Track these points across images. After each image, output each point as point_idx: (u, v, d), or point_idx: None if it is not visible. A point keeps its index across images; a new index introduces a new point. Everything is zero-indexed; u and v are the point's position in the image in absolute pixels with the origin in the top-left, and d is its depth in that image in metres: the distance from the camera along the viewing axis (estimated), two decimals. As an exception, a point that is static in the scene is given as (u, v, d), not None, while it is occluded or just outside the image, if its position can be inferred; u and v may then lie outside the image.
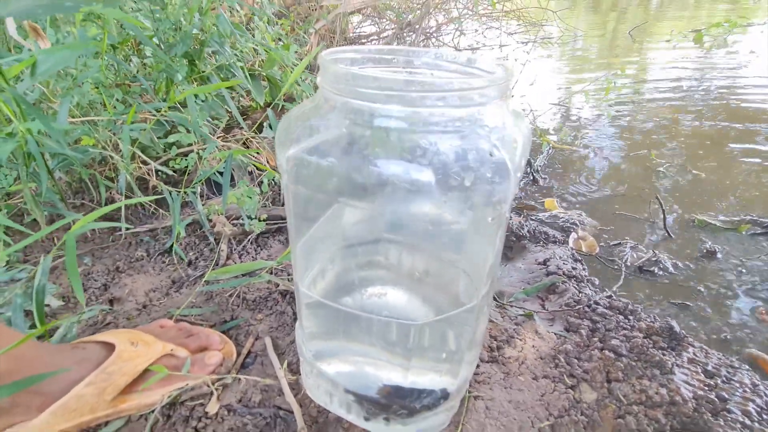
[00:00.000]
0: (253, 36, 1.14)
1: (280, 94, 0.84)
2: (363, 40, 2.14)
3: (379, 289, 0.44)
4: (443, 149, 0.29)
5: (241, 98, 1.33)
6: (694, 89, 1.68)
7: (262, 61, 1.21)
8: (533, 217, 0.94)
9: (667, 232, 0.86)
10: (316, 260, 0.44)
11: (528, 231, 0.86)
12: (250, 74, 1.08)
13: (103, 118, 0.82)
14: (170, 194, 0.87)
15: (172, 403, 0.49)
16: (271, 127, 1.02)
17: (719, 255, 0.79)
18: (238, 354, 0.57)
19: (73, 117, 0.82)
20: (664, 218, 0.87)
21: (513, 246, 0.85)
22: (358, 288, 0.45)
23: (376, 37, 2.12)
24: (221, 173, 0.77)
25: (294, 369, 0.54)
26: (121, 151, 0.81)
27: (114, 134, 0.83)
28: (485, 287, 0.38)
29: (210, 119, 1.03)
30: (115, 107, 0.86)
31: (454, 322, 0.40)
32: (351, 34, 2.16)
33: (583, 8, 4.01)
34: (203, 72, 0.98)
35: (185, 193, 0.89)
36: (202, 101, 0.99)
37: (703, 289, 0.72)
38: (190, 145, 0.93)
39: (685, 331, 0.60)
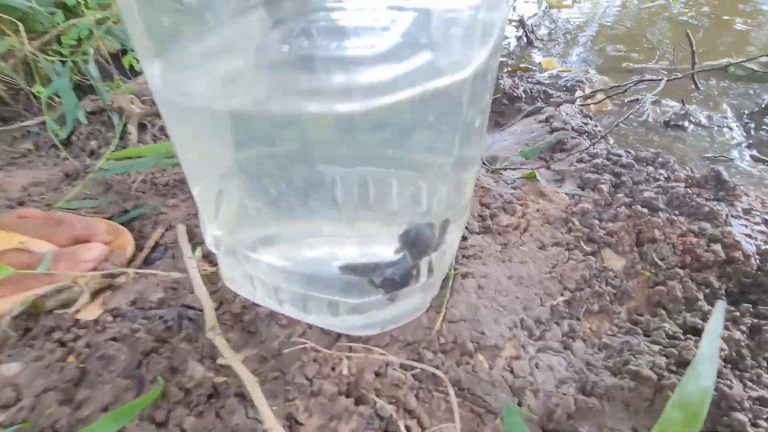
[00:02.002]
0: None
1: None
2: None
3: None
4: None
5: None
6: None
7: None
8: (530, 79, 0.76)
9: (695, 82, 0.70)
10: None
11: (524, 91, 0.69)
12: None
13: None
14: (53, 67, 0.66)
15: (32, 314, 0.34)
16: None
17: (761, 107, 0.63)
18: (141, 248, 0.42)
19: None
20: (693, 62, 0.70)
21: (505, 110, 0.68)
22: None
23: None
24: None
25: (214, 259, 0.39)
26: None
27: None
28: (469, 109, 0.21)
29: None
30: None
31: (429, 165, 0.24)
32: None
33: None
34: None
35: (74, 63, 0.68)
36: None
37: (744, 142, 0.57)
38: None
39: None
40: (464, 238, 0.41)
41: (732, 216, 0.39)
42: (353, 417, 0.27)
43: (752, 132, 0.59)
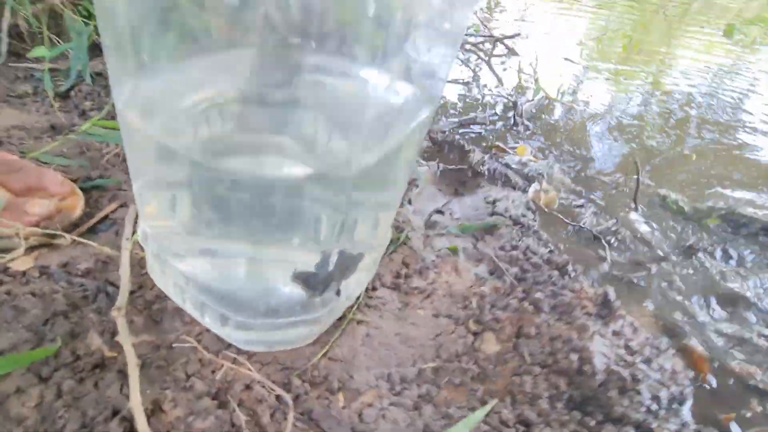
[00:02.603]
0: None
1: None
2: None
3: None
4: None
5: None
6: (707, 83, 1.54)
7: None
8: (499, 159, 0.83)
9: (635, 203, 0.77)
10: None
11: (488, 169, 0.76)
12: None
13: None
14: (75, 27, 0.71)
15: (-30, 251, 0.38)
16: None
17: (698, 248, 0.71)
18: (91, 215, 0.46)
19: None
20: (637, 188, 0.78)
21: (467, 182, 0.74)
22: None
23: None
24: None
25: (150, 245, 0.43)
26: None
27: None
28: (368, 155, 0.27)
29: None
30: None
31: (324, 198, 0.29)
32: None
33: None
34: None
35: (96, 27, 0.73)
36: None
37: (655, 271, 0.64)
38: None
39: (623, 304, 0.53)
40: (374, 288, 0.46)
41: (600, 334, 0.45)
42: (210, 417, 0.31)
43: (663, 264, 0.66)
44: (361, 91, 0.27)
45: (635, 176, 0.79)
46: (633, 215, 0.76)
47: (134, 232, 0.43)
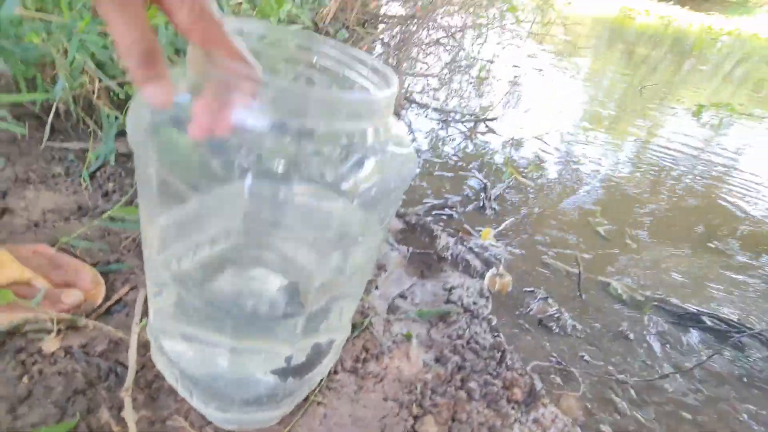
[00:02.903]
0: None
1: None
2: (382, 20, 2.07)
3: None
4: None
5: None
6: (671, 165, 1.70)
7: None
8: (465, 243, 0.94)
9: (579, 292, 0.88)
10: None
11: (452, 254, 0.87)
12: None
13: (58, 19, 0.77)
14: (108, 117, 0.84)
15: (12, 332, 0.47)
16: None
17: (628, 334, 0.81)
18: (107, 298, 0.56)
19: (26, 7, 0.77)
20: (579, 277, 0.89)
21: (432, 265, 0.85)
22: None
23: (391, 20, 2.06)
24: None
25: (153, 329, 0.53)
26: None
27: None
28: (315, 302, 0.37)
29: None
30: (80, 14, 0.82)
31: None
32: (374, 9, 2.09)
33: (617, 52, 4.00)
34: None
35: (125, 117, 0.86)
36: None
37: (588, 360, 0.74)
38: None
39: (550, 391, 0.62)
40: (336, 372, 0.56)
41: (519, 421, 0.54)
42: (189, 486, 0.40)
43: (595, 350, 0.76)
44: (325, 213, 0.37)
45: (578, 269, 0.90)
46: (576, 302, 0.87)
47: (143, 317, 0.53)
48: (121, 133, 0.88)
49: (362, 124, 0.30)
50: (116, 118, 0.85)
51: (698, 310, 0.89)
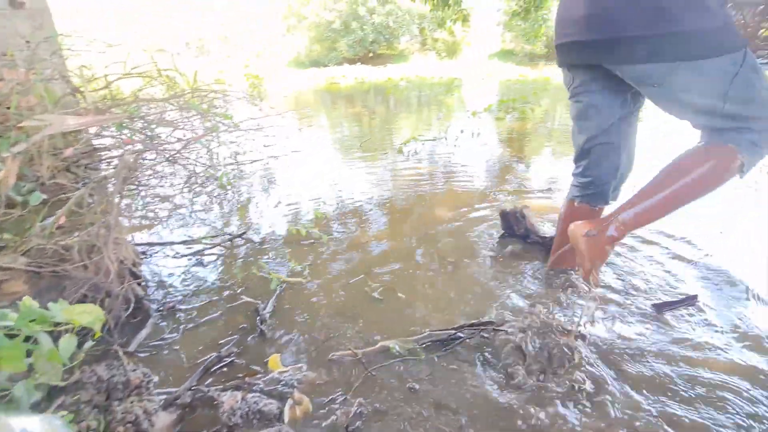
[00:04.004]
0: None
1: None
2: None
3: None
4: None
5: None
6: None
7: None
8: (254, 387, 0.90)
9: (367, 371, 0.96)
10: None
11: (242, 415, 0.82)
12: None
13: None
14: None
15: None
16: None
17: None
18: None
19: None
20: (365, 369, 0.98)
21: (226, 439, 0.78)
22: None
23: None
24: None
25: None
26: None
27: None
28: None
29: None
30: None
31: None
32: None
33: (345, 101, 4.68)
34: None
35: None
36: None
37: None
38: None
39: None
40: None
41: None
42: None
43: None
44: None
45: (359, 354, 0.99)
46: (368, 383, 0.94)
47: None
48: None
49: None
50: None
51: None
